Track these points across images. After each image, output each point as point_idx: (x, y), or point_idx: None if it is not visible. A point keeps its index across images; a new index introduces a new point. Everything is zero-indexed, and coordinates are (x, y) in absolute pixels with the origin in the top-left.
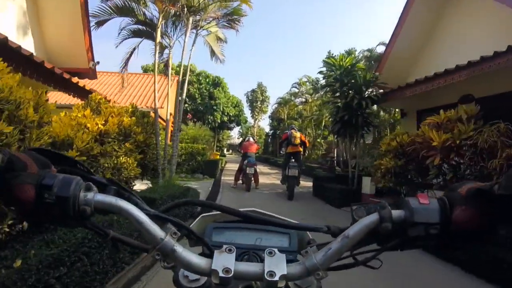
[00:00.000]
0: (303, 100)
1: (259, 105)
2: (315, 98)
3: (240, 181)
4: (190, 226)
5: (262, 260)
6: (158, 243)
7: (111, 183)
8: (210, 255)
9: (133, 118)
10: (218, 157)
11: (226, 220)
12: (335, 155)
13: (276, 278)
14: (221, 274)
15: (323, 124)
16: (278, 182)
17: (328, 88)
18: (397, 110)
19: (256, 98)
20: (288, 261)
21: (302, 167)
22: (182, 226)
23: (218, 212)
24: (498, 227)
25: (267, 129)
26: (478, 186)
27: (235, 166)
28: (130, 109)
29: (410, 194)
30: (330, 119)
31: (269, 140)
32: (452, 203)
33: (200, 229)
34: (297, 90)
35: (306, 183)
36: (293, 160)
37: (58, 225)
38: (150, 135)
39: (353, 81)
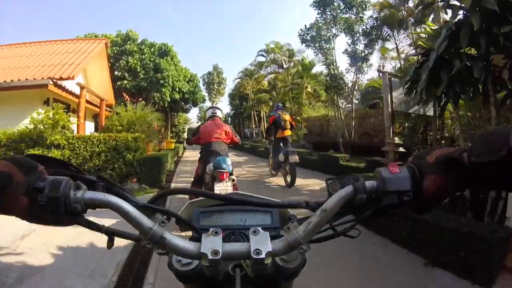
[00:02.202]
0: (273, 70)
1: (216, 87)
2: (291, 65)
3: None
4: (179, 213)
5: (248, 240)
6: (147, 232)
7: (100, 180)
8: (199, 239)
9: None
10: (173, 145)
11: (212, 205)
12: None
13: (263, 255)
14: (210, 257)
15: (304, 96)
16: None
17: None
18: None
19: (213, 80)
20: (272, 238)
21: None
22: (170, 214)
23: (203, 198)
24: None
25: (226, 110)
26: (447, 153)
27: (195, 155)
28: None
29: None
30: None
31: (230, 122)
32: (421, 171)
33: (188, 215)
34: (264, 59)
35: (303, 181)
36: (282, 145)
37: (52, 225)
38: None
39: None
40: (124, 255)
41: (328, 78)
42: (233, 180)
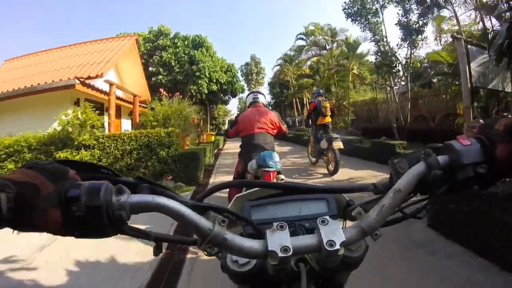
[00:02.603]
0: (314, 53)
1: (255, 78)
2: (334, 46)
3: None
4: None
5: (308, 231)
6: (208, 234)
7: (141, 182)
8: (256, 235)
9: None
10: (213, 138)
11: (260, 197)
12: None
13: (337, 246)
14: (280, 254)
15: (350, 78)
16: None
17: None
18: None
19: (251, 70)
20: None
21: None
22: (224, 211)
23: (251, 190)
24: None
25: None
26: None
27: (237, 147)
28: None
29: None
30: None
31: None
32: (492, 141)
33: (238, 210)
34: (304, 43)
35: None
36: (322, 132)
37: (93, 237)
38: None
39: None
40: (146, 277)
41: (378, 56)
42: (282, 179)
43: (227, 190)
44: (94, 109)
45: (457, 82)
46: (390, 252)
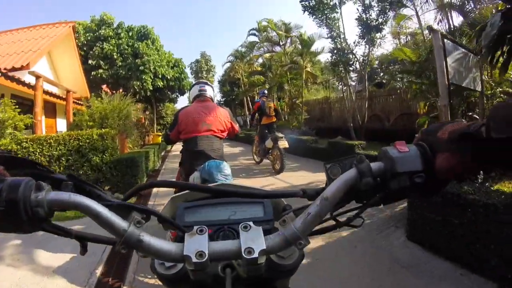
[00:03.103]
0: (267, 50)
1: (205, 75)
2: (288, 41)
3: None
4: (161, 210)
5: (238, 234)
6: (121, 235)
7: (70, 179)
8: (182, 240)
9: None
10: (160, 139)
11: (197, 198)
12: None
13: (255, 254)
14: (194, 259)
15: (304, 76)
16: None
17: None
18: None
19: (201, 68)
20: (266, 231)
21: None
22: (149, 212)
23: (187, 192)
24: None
25: (216, 98)
26: (460, 128)
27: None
28: None
29: None
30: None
31: None
32: (433, 149)
33: (172, 211)
34: (256, 39)
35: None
36: (267, 131)
37: (14, 232)
38: None
39: None
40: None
41: (334, 53)
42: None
43: None
44: (17, 107)
45: (419, 81)
46: (374, 275)
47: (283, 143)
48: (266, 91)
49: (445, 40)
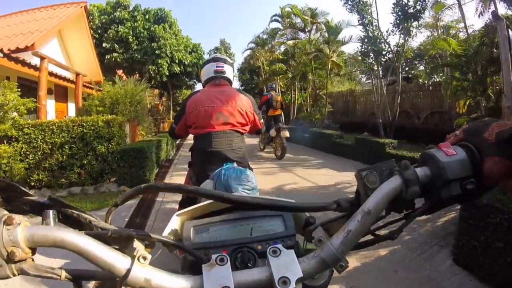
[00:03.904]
0: (291, 36)
1: None
2: (313, 28)
3: None
4: (165, 230)
5: (260, 255)
6: (124, 275)
7: (53, 203)
8: (196, 266)
9: None
10: None
11: (204, 214)
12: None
13: (292, 285)
14: None
15: (329, 66)
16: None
17: None
18: None
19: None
20: (289, 248)
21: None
22: (152, 239)
23: (194, 207)
24: None
25: (235, 86)
26: (509, 129)
27: None
28: None
29: None
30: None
31: None
32: (480, 152)
33: (177, 231)
34: (279, 25)
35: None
36: (273, 122)
37: None
38: None
39: None
40: None
41: (364, 42)
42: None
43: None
44: (19, 90)
45: (463, 77)
46: None
47: (285, 133)
48: (274, 85)
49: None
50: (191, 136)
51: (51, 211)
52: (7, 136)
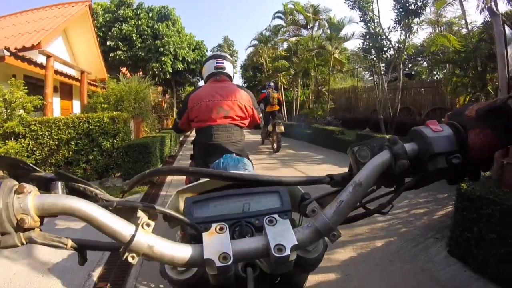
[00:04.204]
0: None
1: None
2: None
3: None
4: (166, 206)
5: (257, 229)
6: (129, 241)
7: (60, 177)
8: (196, 237)
9: None
10: None
11: (204, 191)
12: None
13: (287, 251)
14: (218, 263)
15: (331, 63)
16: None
17: None
18: None
19: (223, 52)
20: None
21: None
22: (154, 209)
23: (194, 184)
24: None
25: (238, 83)
26: (487, 104)
27: None
28: None
29: None
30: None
31: None
32: (464, 128)
33: (178, 206)
34: (282, 22)
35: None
36: (270, 118)
37: None
38: None
39: None
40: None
41: (366, 39)
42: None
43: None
44: (26, 88)
45: (462, 73)
46: None
47: (280, 128)
48: (272, 84)
49: (505, 26)
50: (195, 133)
51: (59, 182)
52: (14, 133)
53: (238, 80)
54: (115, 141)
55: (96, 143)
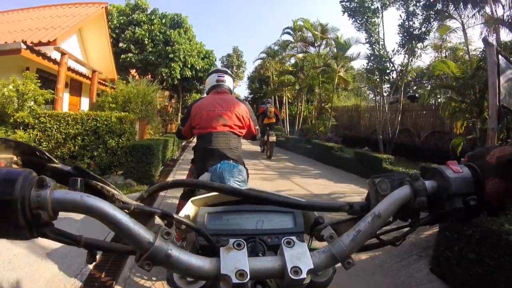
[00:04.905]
0: (301, 50)
1: (235, 71)
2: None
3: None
4: (179, 212)
5: (269, 247)
6: (147, 248)
7: (77, 172)
8: (210, 248)
9: None
10: None
11: (218, 203)
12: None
13: (303, 275)
14: (234, 280)
15: (336, 81)
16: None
17: None
18: None
19: (232, 63)
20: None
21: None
22: (172, 218)
23: (210, 194)
24: None
25: (243, 94)
26: (509, 154)
27: None
28: None
29: None
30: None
31: None
32: (484, 173)
33: (191, 216)
34: (290, 38)
35: (336, 187)
36: (268, 129)
37: (6, 238)
38: None
39: None
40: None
41: (370, 60)
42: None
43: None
44: (39, 81)
45: (460, 99)
46: None
47: (273, 138)
48: (270, 100)
49: (500, 56)
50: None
51: (79, 179)
52: (24, 123)
53: (244, 91)
54: (120, 140)
55: (102, 140)
